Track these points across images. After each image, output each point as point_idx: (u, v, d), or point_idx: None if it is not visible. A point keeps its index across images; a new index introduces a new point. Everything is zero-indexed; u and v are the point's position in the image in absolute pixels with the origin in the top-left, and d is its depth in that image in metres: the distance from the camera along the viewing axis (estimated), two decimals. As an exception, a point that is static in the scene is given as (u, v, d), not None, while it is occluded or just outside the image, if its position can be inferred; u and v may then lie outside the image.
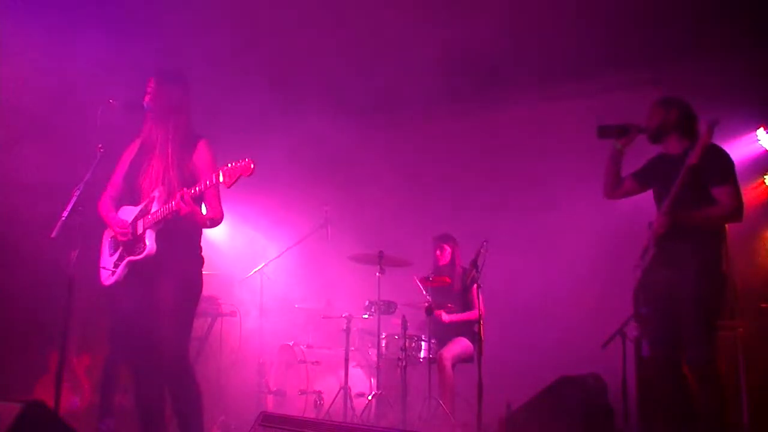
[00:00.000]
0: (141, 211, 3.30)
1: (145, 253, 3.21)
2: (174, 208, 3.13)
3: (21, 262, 5.22)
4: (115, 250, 3.36)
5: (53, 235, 3.05)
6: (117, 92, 3.39)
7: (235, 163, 3.01)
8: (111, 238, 3.41)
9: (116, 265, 3.30)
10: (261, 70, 5.76)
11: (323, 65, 5.82)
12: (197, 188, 3.11)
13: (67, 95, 4.82)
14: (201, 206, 3.31)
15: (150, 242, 3.21)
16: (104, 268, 3.36)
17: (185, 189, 3.11)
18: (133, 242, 3.27)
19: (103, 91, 3.54)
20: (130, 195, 3.40)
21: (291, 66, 5.87)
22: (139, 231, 3.26)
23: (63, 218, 3.08)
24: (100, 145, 3.23)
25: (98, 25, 4.84)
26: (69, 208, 3.10)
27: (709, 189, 3.55)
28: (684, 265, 3.55)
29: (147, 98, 3.36)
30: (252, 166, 2.99)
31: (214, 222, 3.32)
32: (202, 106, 3.72)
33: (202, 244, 3.47)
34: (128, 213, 3.36)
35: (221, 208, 3.35)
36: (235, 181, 3.01)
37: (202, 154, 3.36)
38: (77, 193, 3.14)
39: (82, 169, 3.21)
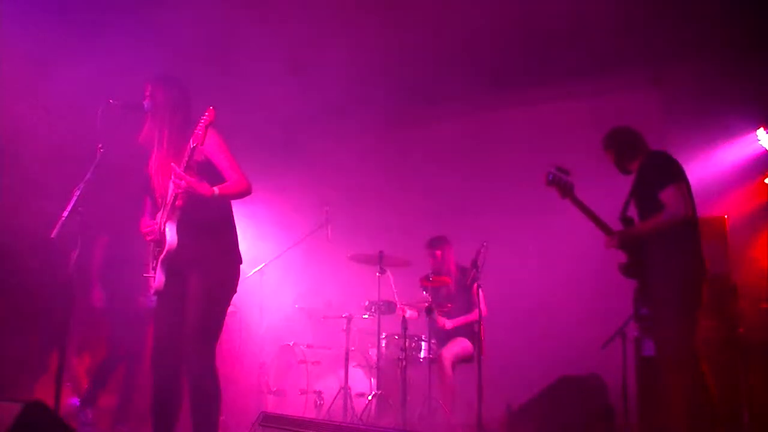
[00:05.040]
0: (162, 210, 3.28)
1: (166, 248, 3.17)
2: (174, 191, 3.09)
3: (21, 262, 5.22)
4: (155, 257, 3.33)
5: (53, 235, 3.05)
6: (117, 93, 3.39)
7: (198, 121, 3.01)
8: (153, 246, 3.38)
9: (154, 269, 3.28)
10: (252, 70, 5.76)
11: (321, 64, 5.83)
12: (184, 160, 3.07)
13: (66, 96, 4.82)
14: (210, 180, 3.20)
15: (170, 235, 3.16)
16: (149, 275, 3.33)
17: (173, 165, 3.07)
18: (162, 240, 3.24)
19: (102, 91, 3.54)
20: (153, 201, 3.40)
21: (287, 64, 5.87)
22: (162, 228, 3.23)
23: (63, 218, 3.07)
24: (100, 145, 3.23)
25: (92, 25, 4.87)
26: (69, 208, 3.10)
27: (657, 197, 3.67)
28: (648, 268, 3.68)
29: (146, 101, 3.37)
30: (211, 109, 2.99)
31: (228, 189, 3.19)
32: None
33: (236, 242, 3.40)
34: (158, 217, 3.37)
35: (238, 175, 3.24)
36: (205, 133, 2.99)
37: (209, 140, 3.24)
38: (77, 193, 3.14)
39: (83, 169, 3.20)
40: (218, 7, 4.95)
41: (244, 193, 3.27)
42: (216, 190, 3.15)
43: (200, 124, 3.01)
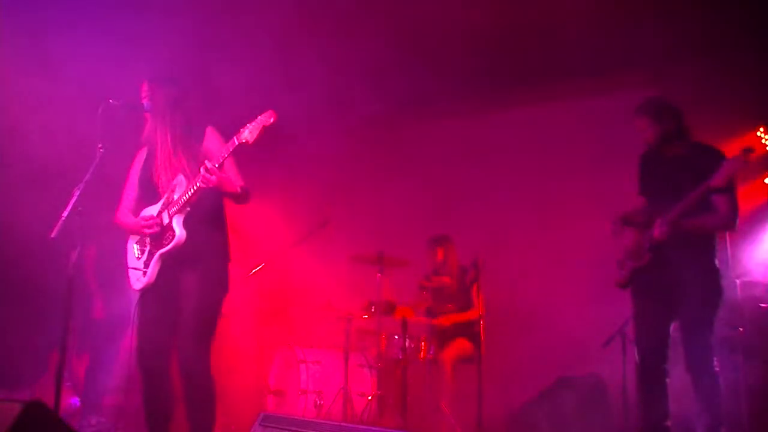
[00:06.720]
0: (164, 203, 3.28)
1: (175, 241, 3.17)
2: (200, 185, 3.08)
3: (21, 262, 5.22)
4: (143, 252, 3.33)
5: (53, 235, 3.05)
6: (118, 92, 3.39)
7: (255, 119, 3.01)
8: (137, 242, 3.38)
9: (146, 264, 3.27)
10: (247, 69, 5.77)
11: (322, 66, 5.83)
12: (221, 156, 3.10)
13: (67, 95, 4.83)
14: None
15: (179, 228, 3.18)
16: (134, 269, 3.32)
17: (206, 162, 3.07)
18: (161, 234, 3.24)
19: (103, 90, 3.54)
20: (148, 198, 3.39)
21: (289, 67, 5.87)
22: (166, 221, 3.23)
23: (63, 218, 3.07)
24: (100, 145, 3.23)
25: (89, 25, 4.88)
26: (69, 208, 3.09)
27: (707, 195, 3.57)
28: (680, 266, 3.61)
29: (144, 99, 3.38)
30: (273, 117, 2.99)
31: (246, 191, 3.28)
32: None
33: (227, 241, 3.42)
34: (151, 212, 3.34)
35: (242, 179, 3.32)
36: (260, 134, 2.99)
37: (211, 138, 3.37)
38: (77, 193, 3.14)
39: (83, 169, 3.20)
40: (210, 5, 4.96)
41: (249, 195, 3.33)
42: (240, 192, 3.23)
43: (256, 123, 2.99)
